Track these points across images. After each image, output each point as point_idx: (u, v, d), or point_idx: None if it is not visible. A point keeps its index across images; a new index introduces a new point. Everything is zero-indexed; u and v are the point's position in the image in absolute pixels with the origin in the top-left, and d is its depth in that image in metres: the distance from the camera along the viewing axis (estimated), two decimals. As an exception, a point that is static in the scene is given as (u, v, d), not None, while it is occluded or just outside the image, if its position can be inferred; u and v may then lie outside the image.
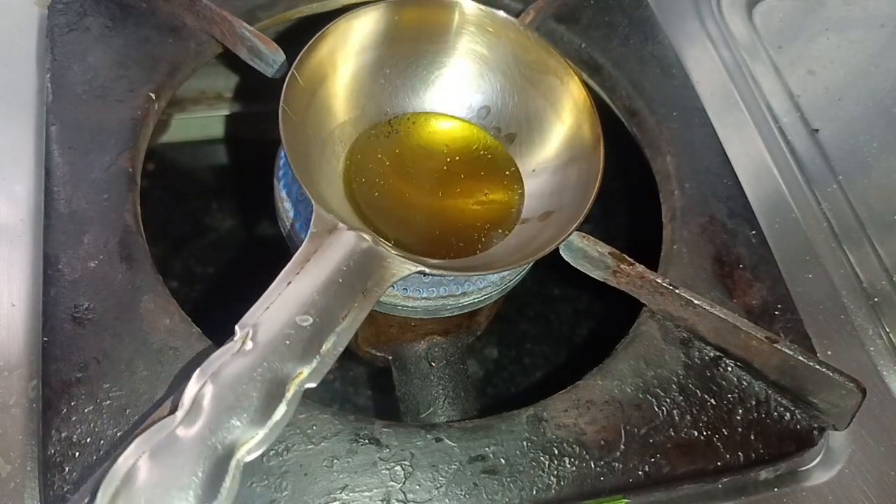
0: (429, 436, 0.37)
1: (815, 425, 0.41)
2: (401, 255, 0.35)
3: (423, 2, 0.44)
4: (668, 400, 0.40)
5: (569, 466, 0.37)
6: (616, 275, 0.43)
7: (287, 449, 0.35)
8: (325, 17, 0.51)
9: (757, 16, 0.64)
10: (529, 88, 0.45)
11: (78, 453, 0.33)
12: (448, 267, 0.39)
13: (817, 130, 0.57)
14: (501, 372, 0.69)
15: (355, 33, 0.42)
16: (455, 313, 0.43)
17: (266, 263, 0.33)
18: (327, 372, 0.32)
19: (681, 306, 0.41)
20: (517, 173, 0.44)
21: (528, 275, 0.46)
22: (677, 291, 0.41)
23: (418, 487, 0.35)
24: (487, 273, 0.42)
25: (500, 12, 0.44)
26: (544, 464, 0.37)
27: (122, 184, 0.41)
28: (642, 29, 0.56)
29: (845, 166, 0.55)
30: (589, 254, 0.43)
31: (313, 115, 0.40)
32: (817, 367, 0.39)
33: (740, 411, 0.40)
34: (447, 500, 0.35)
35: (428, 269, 0.35)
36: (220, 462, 0.28)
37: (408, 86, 0.45)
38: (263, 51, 0.46)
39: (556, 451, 0.37)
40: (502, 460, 0.37)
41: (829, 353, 0.46)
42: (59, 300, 0.37)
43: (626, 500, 0.38)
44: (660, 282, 0.41)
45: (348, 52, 0.42)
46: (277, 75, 0.46)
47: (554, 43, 0.54)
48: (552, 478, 0.37)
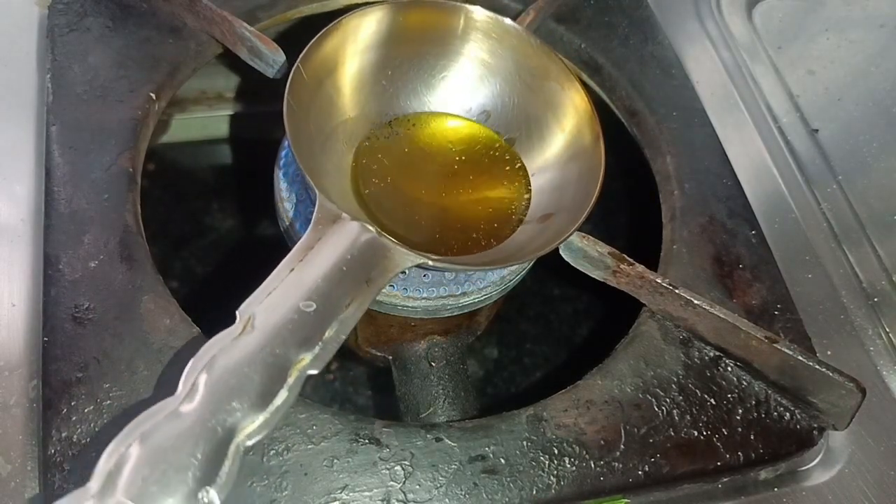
0: (429, 436, 0.37)
1: (815, 425, 0.41)
2: (404, 248, 0.35)
3: (428, 5, 0.45)
4: (667, 400, 0.40)
5: (569, 466, 0.37)
6: (616, 275, 0.43)
7: (287, 449, 0.35)
8: (326, 17, 0.51)
9: (757, 16, 0.64)
10: (530, 93, 0.45)
11: (78, 453, 0.33)
12: (450, 261, 0.39)
13: (817, 130, 0.57)
14: (501, 372, 0.69)
15: (360, 32, 0.42)
16: (455, 313, 0.43)
17: (266, 263, 0.33)
18: (327, 363, 0.31)
19: (680, 306, 0.41)
20: (522, 170, 0.44)
21: (528, 275, 0.46)
22: (677, 291, 0.41)
23: (418, 487, 0.35)
24: (488, 269, 0.42)
25: (505, 19, 0.45)
26: (544, 464, 0.37)
27: (123, 184, 0.41)
28: (642, 29, 0.56)
29: (845, 166, 0.55)
30: (589, 254, 0.43)
31: (316, 110, 0.41)
32: (817, 366, 0.39)
33: (740, 411, 0.40)
34: (447, 500, 0.35)
35: (431, 262, 0.35)
36: (220, 445, 0.28)
37: (409, 88, 0.45)
38: (264, 51, 0.46)
39: (556, 451, 0.37)
40: (502, 460, 0.37)
41: (829, 353, 0.46)
42: (59, 300, 0.37)
43: (626, 500, 0.38)
44: (659, 282, 0.41)
45: (352, 50, 0.42)
46: (278, 75, 0.46)
47: (554, 43, 0.54)
48: (552, 478, 0.37)
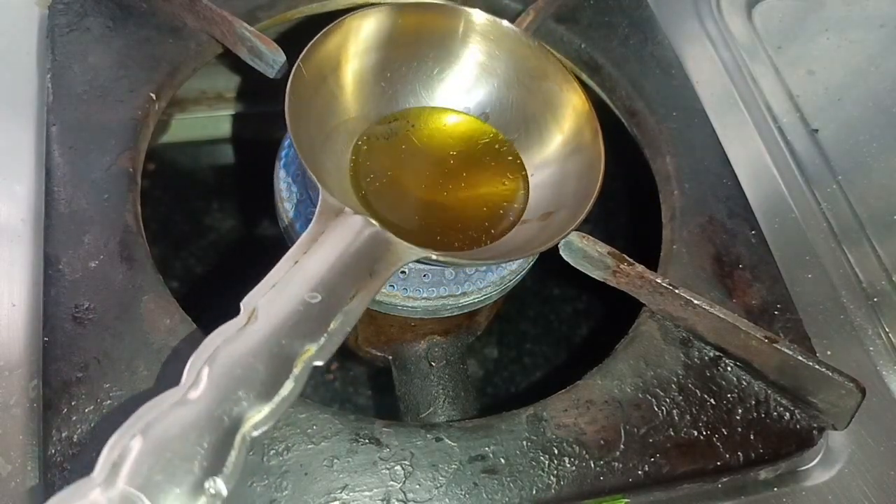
0: (429, 435, 0.37)
1: (815, 425, 0.41)
2: (406, 242, 0.35)
3: (428, 7, 0.45)
4: (667, 400, 0.40)
5: (569, 466, 0.37)
6: (616, 275, 0.43)
7: (287, 448, 0.35)
8: (326, 17, 0.51)
9: (756, 16, 0.64)
10: (528, 94, 0.45)
11: (78, 453, 0.33)
12: (453, 255, 0.39)
13: (817, 130, 0.57)
14: (501, 372, 0.69)
15: (360, 33, 0.42)
16: (455, 313, 0.43)
17: (266, 263, 0.33)
18: (329, 360, 0.31)
19: (680, 306, 0.41)
20: (521, 166, 0.44)
21: (528, 275, 0.46)
22: (677, 291, 0.41)
23: (418, 487, 0.35)
24: (490, 263, 0.42)
25: (503, 21, 0.45)
26: (544, 463, 0.37)
27: (123, 184, 0.41)
28: (642, 29, 0.56)
29: (845, 166, 0.55)
30: (589, 254, 0.43)
31: (317, 109, 0.41)
32: (817, 366, 0.39)
33: (740, 411, 0.40)
34: (447, 500, 0.35)
35: (434, 256, 0.36)
36: (227, 435, 0.28)
37: (408, 89, 0.45)
38: (264, 51, 0.46)
39: (556, 451, 0.37)
40: (502, 460, 0.37)
41: (829, 353, 0.46)
42: (59, 300, 0.37)
43: (626, 500, 0.38)
44: (659, 282, 0.41)
45: (353, 50, 0.43)
46: (278, 76, 0.46)
47: (554, 43, 0.54)
48: (552, 477, 0.37)
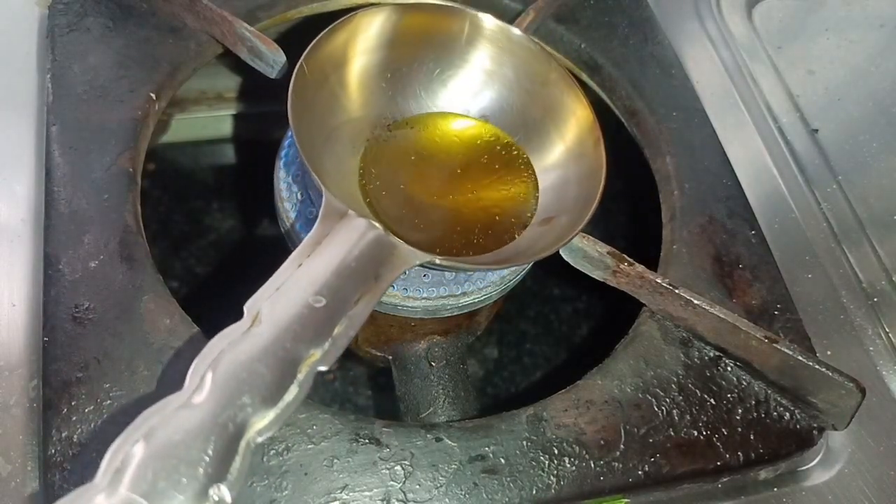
0: (429, 435, 0.37)
1: (815, 425, 0.41)
2: (410, 246, 0.35)
3: (431, 8, 0.45)
4: (667, 400, 0.40)
5: (569, 466, 0.37)
6: (616, 275, 0.43)
7: (287, 449, 0.35)
8: (326, 17, 0.51)
9: (756, 16, 0.64)
10: (529, 98, 0.45)
11: (78, 453, 0.33)
12: (456, 260, 0.39)
13: (817, 130, 0.57)
14: (501, 372, 0.69)
15: (362, 33, 0.42)
16: (455, 313, 0.43)
17: (266, 263, 0.33)
18: (335, 361, 0.31)
19: (680, 306, 0.41)
20: (529, 170, 0.44)
21: (528, 275, 0.46)
22: (677, 291, 0.41)
23: (418, 487, 0.35)
24: (492, 269, 0.42)
25: (509, 25, 0.45)
26: (544, 463, 0.37)
27: (123, 184, 0.41)
28: (642, 29, 0.56)
29: (845, 166, 0.55)
30: (589, 254, 0.43)
31: (319, 108, 0.41)
32: (817, 366, 0.39)
33: (740, 411, 0.40)
34: (447, 500, 0.35)
35: (438, 260, 0.35)
36: (231, 441, 0.28)
37: (409, 91, 0.45)
38: (264, 51, 0.46)
39: (556, 451, 0.37)
40: (502, 460, 0.37)
41: (829, 353, 0.46)
42: (59, 300, 0.37)
43: (626, 500, 0.38)
44: (659, 282, 0.41)
45: (355, 50, 0.42)
46: (278, 76, 0.46)
47: (554, 43, 0.54)
48: (552, 477, 0.37)
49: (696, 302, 0.41)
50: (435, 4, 0.47)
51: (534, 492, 0.36)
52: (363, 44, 0.43)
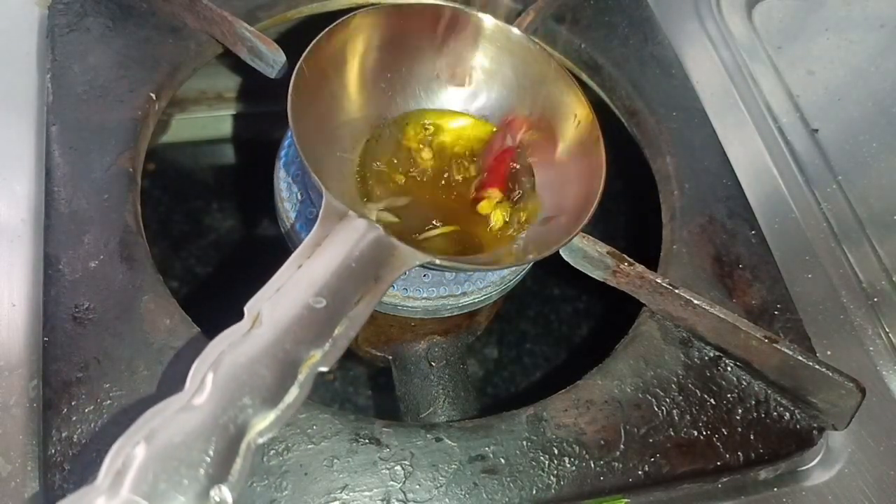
0: (429, 435, 0.37)
1: (815, 425, 0.41)
2: (410, 246, 0.35)
3: (430, 9, 0.45)
4: (667, 400, 0.40)
5: (569, 466, 0.37)
6: (616, 275, 0.43)
7: (287, 449, 0.35)
8: (326, 17, 0.51)
9: (756, 16, 0.64)
10: (529, 99, 0.45)
11: (78, 453, 0.33)
12: (456, 261, 0.39)
13: (817, 130, 0.57)
14: (501, 372, 0.69)
15: (362, 33, 0.42)
16: (455, 313, 0.43)
17: (266, 263, 0.33)
18: (335, 363, 0.31)
19: (680, 306, 0.41)
20: (529, 172, 0.44)
21: (528, 275, 0.46)
22: (677, 291, 0.41)
23: (418, 487, 0.35)
24: (492, 269, 0.42)
25: (511, 27, 0.45)
26: (544, 463, 0.37)
27: (123, 184, 0.41)
28: (642, 29, 0.56)
29: (845, 166, 0.55)
30: (589, 254, 0.43)
31: (319, 109, 0.41)
32: (817, 366, 0.39)
33: (740, 411, 0.40)
34: (447, 500, 0.35)
35: (438, 261, 0.35)
36: (232, 442, 0.28)
37: (409, 91, 0.45)
38: (264, 51, 0.46)
39: (556, 451, 0.37)
40: (502, 460, 0.37)
41: (829, 353, 0.46)
42: (59, 300, 0.37)
43: (626, 500, 0.38)
44: (659, 282, 0.41)
45: (354, 51, 0.42)
46: (278, 76, 0.46)
47: (554, 43, 0.54)
48: (552, 477, 0.37)
49: (696, 302, 0.41)
50: (434, 5, 0.47)
51: (534, 492, 0.36)
52: (363, 44, 0.43)
